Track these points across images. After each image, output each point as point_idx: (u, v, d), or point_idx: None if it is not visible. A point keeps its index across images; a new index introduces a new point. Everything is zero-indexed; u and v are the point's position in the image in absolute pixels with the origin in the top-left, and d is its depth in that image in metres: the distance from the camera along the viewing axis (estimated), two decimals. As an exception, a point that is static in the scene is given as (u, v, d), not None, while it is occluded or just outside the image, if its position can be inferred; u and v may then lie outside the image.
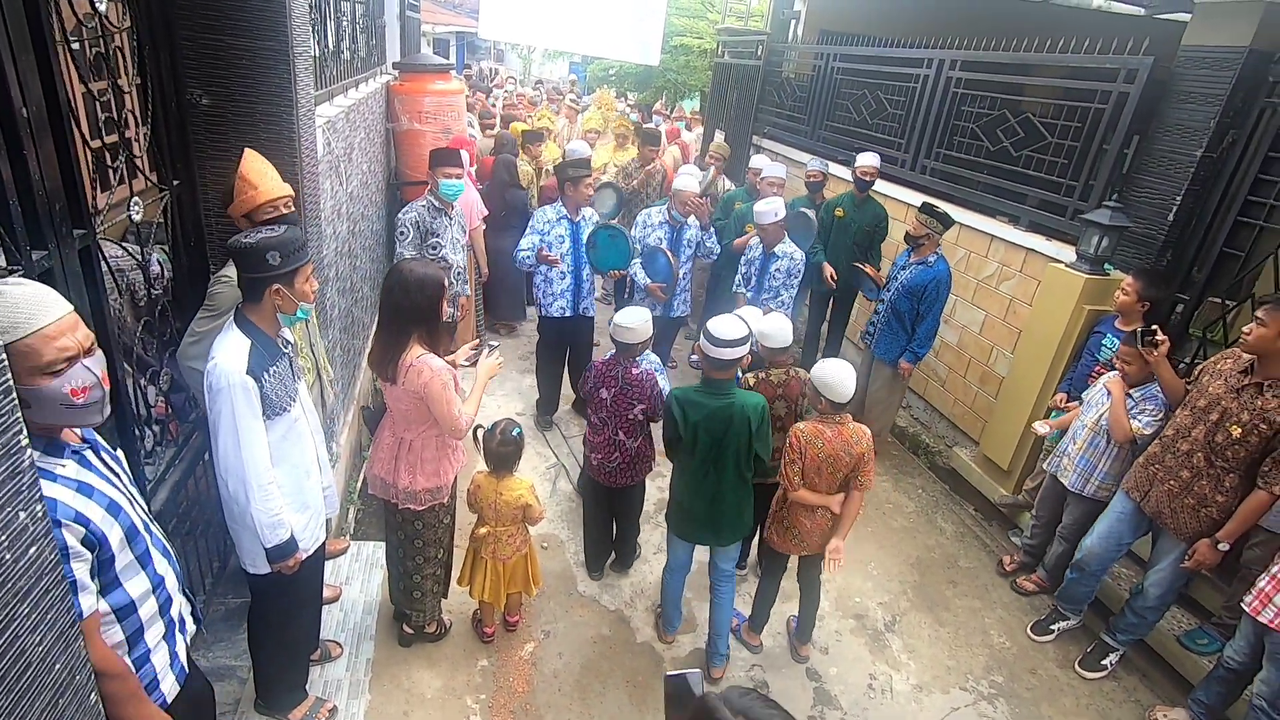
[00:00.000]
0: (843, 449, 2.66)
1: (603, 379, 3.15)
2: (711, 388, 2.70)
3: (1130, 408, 3.12)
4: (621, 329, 3.06)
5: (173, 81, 2.42)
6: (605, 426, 3.18)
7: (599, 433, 3.21)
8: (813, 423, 2.72)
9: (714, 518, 2.84)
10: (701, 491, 2.80)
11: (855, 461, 2.68)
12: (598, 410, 3.18)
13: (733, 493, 2.80)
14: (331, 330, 3.43)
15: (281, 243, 1.88)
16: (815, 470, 2.69)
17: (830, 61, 6.53)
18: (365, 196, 4.52)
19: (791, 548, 2.91)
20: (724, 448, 2.70)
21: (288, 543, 2.03)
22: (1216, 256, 3.48)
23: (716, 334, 2.62)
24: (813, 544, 2.86)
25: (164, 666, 1.57)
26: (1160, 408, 3.07)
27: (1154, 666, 3.30)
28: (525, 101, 9.54)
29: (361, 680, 2.75)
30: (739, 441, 2.69)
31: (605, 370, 3.16)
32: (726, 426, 2.67)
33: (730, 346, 2.61)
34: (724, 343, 2.61)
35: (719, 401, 2.67)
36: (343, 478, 3.72)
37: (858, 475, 2.70)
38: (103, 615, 1.39)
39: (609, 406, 3.13)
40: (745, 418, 2.66)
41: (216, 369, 1.85)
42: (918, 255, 4.18)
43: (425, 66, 5.58)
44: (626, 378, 3.09)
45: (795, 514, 2.83)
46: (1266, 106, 3.29)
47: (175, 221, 2.50)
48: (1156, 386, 3.09)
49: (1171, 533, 2.93)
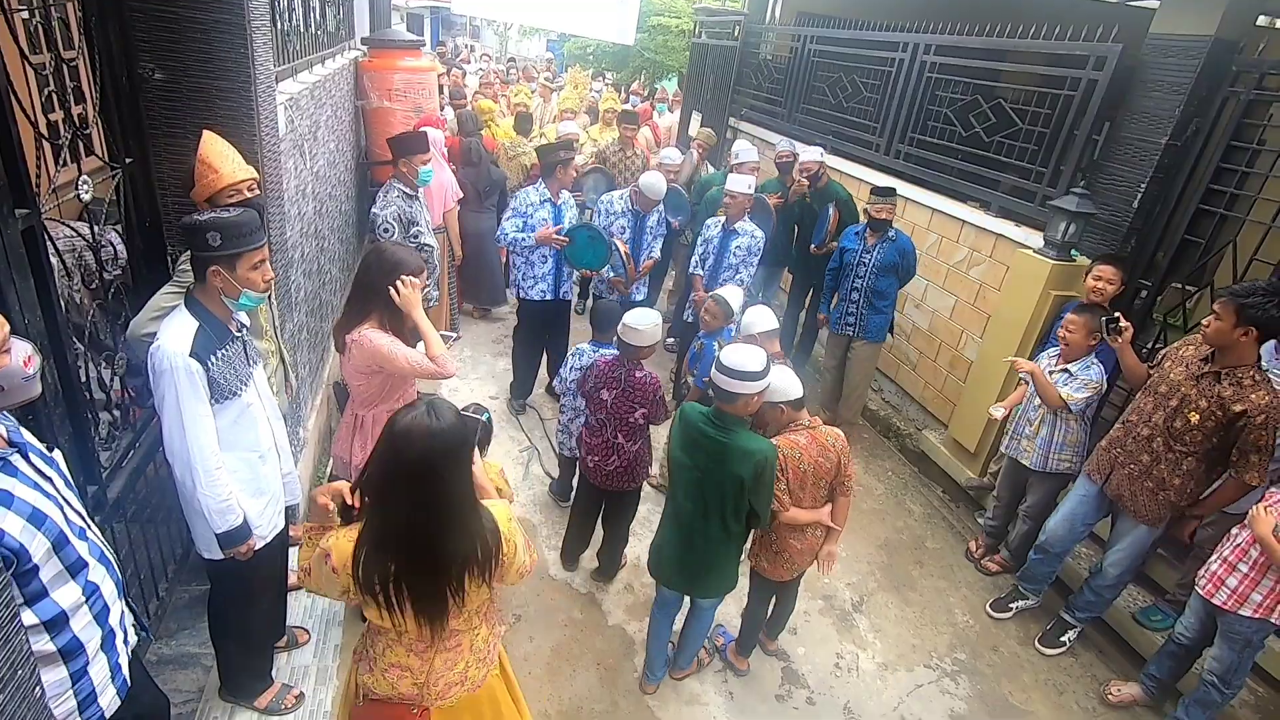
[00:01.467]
0: (821, 455, 2.53)
1: (605, 380, 3.06)
2: (716, 418, 2.38)
3: (1067, 381, 3.20)
4: (631, 330, 2.97)
5: (123, 55, 2.32)
6: (604, 428, 3.09)
7: (597, 434, 3.12)
8: (785, 435, 2.55)
9: (690, 566, 2.57)
10: (679, 531, 2.53)
11: (834, 466, 2.56)
12: (596, 411, 3.09)
13: (714, 544, 2.49)
14: (297, 313, 3.36)
15: (225, 224, 1.82)
16: (800, 485, 2.54)
17: (807, 43, 6.50)
18: (333, 176, 4.42)
19: (783, 573, 2.74)
20: (709, 490, 2.40)
21: (240, 528, 1.99)
22: (1178, 244, 3.55)
23: (728, 363, 2.28)
24: (804, 564, 2.73)
25: (103, 680, 1.51)
26: (1097, 379, 3.16)
27: (1110, 642, 3.41)
28: (499, 80, 9.38)
29: (329, 666, 2.73)
30: (729, 489, 2.36)
31: (608, 371, 3.06)
32: (718, 466, 2.35)
33: (742, 379, 2.25)
34: (735, 374, 2.26)
35: (718, 436, 2.34)
36: (311, 463, 3.67)
37: (840, 479, 2.61)
38: (29, 627, 1.33)
39: (609, 408, 3.04)
40: (744, 464, 2.30)
41: (160, 350, 1.81)
42: (875, 236, 4.25)
43: (395, 43, 5.47)
44: (630, 380, 3.02)
45: (784, 537, 2.65)
46: (1229, 95, 3.34)
47: (129, 201, 2.41)
48: (1093, 359, 3.20)
49: (1131, 514, 3.00)
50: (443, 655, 1.64)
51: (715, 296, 3.53)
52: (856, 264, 4.34)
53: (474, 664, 1.70)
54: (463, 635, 1.65)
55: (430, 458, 1.43)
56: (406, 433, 1.43)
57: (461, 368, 5.25)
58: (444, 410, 1.48)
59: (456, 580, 1.50)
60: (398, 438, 1.44)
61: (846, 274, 4.40)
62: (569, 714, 2.80)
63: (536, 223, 4.22)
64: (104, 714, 1.52)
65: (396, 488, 1.46)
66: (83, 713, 1.48)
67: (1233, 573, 2.57)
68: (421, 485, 1.44)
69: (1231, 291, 2.61)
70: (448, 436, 1.45)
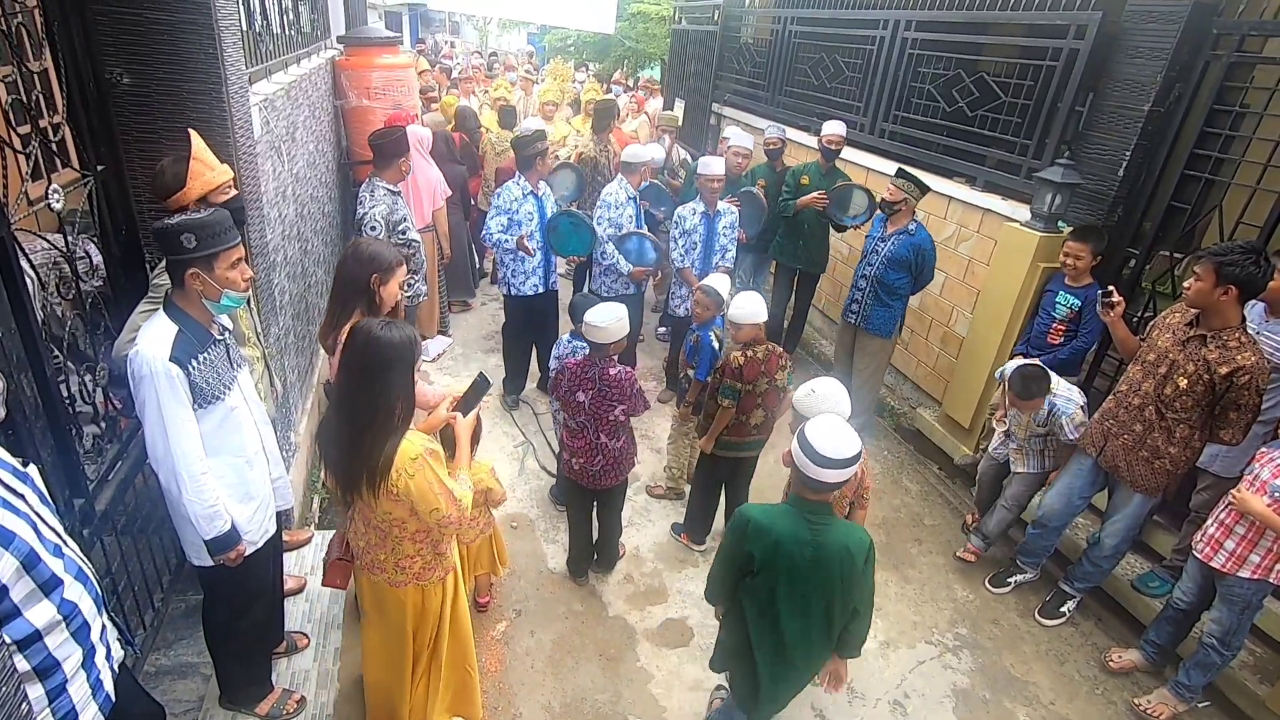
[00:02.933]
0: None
1: (578, 381, 2.97)
2: (809, 514, 1.99)
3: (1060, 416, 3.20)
4: (593, 328, 2.87)
5: (89, 60, 2.28)
6: (585, 430, 3.03)
7: (578, 436, 3.06)
8: None
9: (792, 683, 2.22)
10: (779, 658, 2.13)
11: (856, 480, 2.42)
12: (575, 414, 3.02)
13: (816, 652, 2.16)
14: (282, 317, 3.34)
15: (198, 225, 1.79)
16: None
17: (788, 25, 6.45)
18: (314, 178, 4.38)
19: None
20: (809, 601, 2.03)
21: (228, 534, 1.98)
22: (1165, 210, 3.54)
23: (823, 451, 1.89)
24: None
25: (83, 697, 1.47)
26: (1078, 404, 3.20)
27: (1109, 611, 3.43)
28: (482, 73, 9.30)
29: (330, 670, 2.72)
30: (836, 593, 2.01)
31: (580, 372, 2.97)
32: (819, 569, 1.99)
33: (842, 468, 1.90)
34: (834, 463, 1.89)
35: (815, 535, 1.97)
36: (304, 467, 3.65)
37: (860, 493, 2.51)
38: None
39: (587, 410, 2.97)
40: (854, 562, 1.98)
41: (139, 356, 1.78)
42: (895, 225, 4.10)
43: (371, 40, 5.40)
44: (604, 379, 2.93)
45: None
46: (1210, 59, 3.32)
47: (103, 209, 2.38)
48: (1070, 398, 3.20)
49: (1128, 485, 3.00)
50: (374, 532, 1.99)
51: (703, 287, 3.50)
52: (870, 251, 4.24)
53: (392, 566, 2.04)
54: (386, 534, 1.98)
55: (366, 356, 1.78)
56: (356, 332, 1.82)
57: (453, 365, 5.23)
58: (396, 327, 1.81)
59: (356, 472, 1.82)
60: (352, 335, 1.84)
61: (860, 260, 4.33)
62: (573, 706, 2.80)
63: (523, 217, 4.19)
64: None
65: (343, 373, 1.87)
66: None
67: (1230, 535, 2.58)
68: (358, 376, 1.80)
69: (1210, 251, 2.61)
70: (384, 345, 1.77)
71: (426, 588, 2.12)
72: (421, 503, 1.87)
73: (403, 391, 1.82)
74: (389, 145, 3.72)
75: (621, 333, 2.93)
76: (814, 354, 5.86)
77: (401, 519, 1.93)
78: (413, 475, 1.83)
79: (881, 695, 2.96)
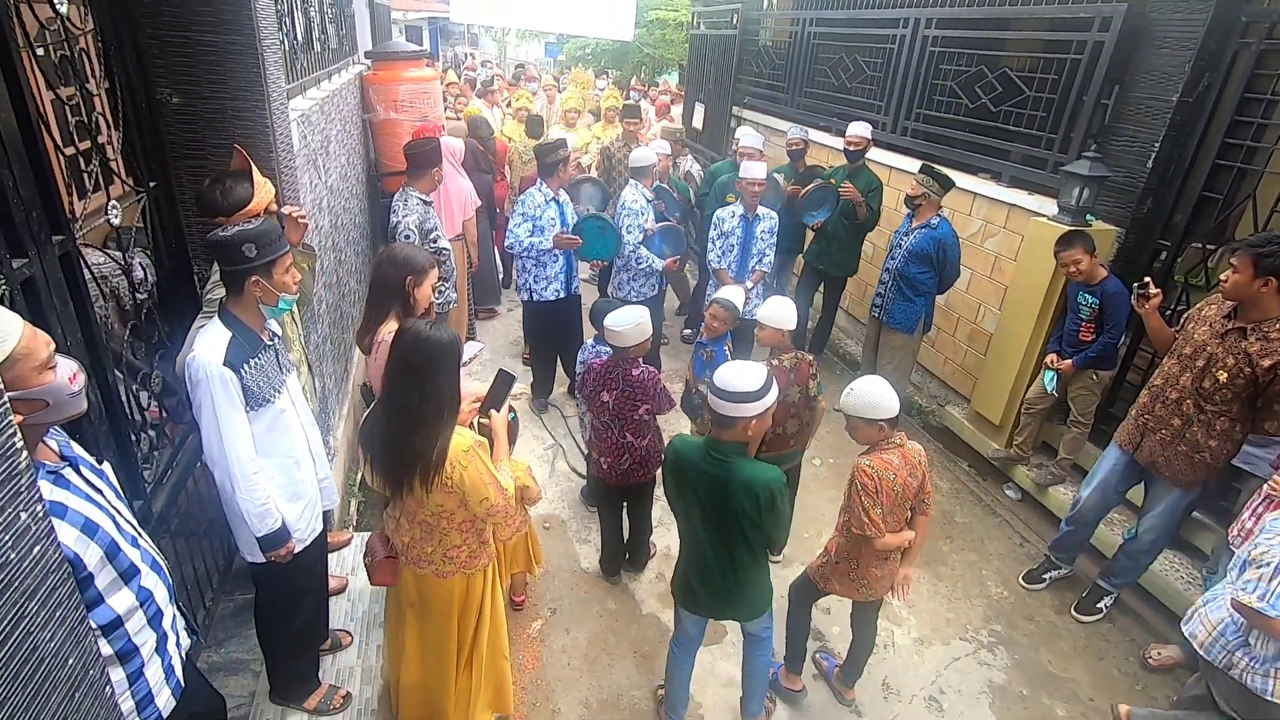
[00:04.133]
0: (910, 475, 2.39)
1: (602, 382, 3.02)
2: (712, 449, 2.17)
3: None
4: (613, 333, 2.91)
5: (141, 82, 2.40)
6: (610, 430, 3.07)
7: (605, 436, 3.10)
8: (878, 454, 2.40)
9: (723, 592, 2.38)
10: (702, 564, 2.35)
11: (919, 483, 2.43)
12: (600, 414, 3.06)
13: (742, 568, 2.33)
14: (320, 325, 3.43)
15: (257, 235, 1.89)
16: (890, 508, 2.37)
17: (806, 26, 6.47)
18: (346, 190, 4.50)
19: (857, 595, 2.62)
20: (724, 524, 2.22)
21: (279, 531, 2.06)
22: (1196, 201, 3.51)
23: (724, 385, 2.07)
24: (880, 590, 2.58)
25: (158, 681, 1.57)
26: None
27: (1148, 606, 3.38)
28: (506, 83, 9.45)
29: (373, 666, 2.79)
30: (742, 523, 2.17)
31: (604, 373, 3.02)
32: (723, 501, 2.18)
33: (741, 401, 2.05)
34: (733, 396, 2.05)
35: (715, 471, 2.15)
36: (342, 471, 3.74)
37: (921, 498, 2.48)
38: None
39: (611, 410, 3.01)
40: (748, 497, 2.12)
41: (195, 361, 1.87)
42: (919, 219, 4.15)
43: (398, 54, 5.53)
44: (627, 379, 2.98)
45: (867, 564, 2.50)
46: (1240, 48, 3.29)
47: (155, 223, 2.49)
48: None
49: (1167, 480, 2.97)
50: (418, 528, 2.06)
51: (719, 300, 3.46)
52: (894, 246, 4.28)
53: (440, 557, 2.11)
54: (433, 527, 2.05)
55: (415, 355, 1.84)
56: (404, 332, 1.88)
57: (481, 370, 5.31)
58: (442, 327, 1.89)
59: (406, 468, 1.88)
60: (399, 335, 1.90)
61: (886, 256, 4.35)
62: (609, 703, 2.85)
63: (546, 223, 4.25)
64: (161, 714, 1.59)
65: (390, 372, 1.91)
66: (141, 712, 1.54)
67: None
68: (409, 375, 1.86)
69: (1248, 243, 2.59)
70: (432, 344, 1.84)
71: (471, 575, 2.20)
72: (473, 493, 1.95)
73: (451, 388, 1.89)
74: (423, 155, 3.82)
75: (642, 336, 2.96)
76: (841, 355, 5.85)
77: (451, 510, 2.01)
78: (465, 467, 1.92)
79: (917, 691, 2.96)
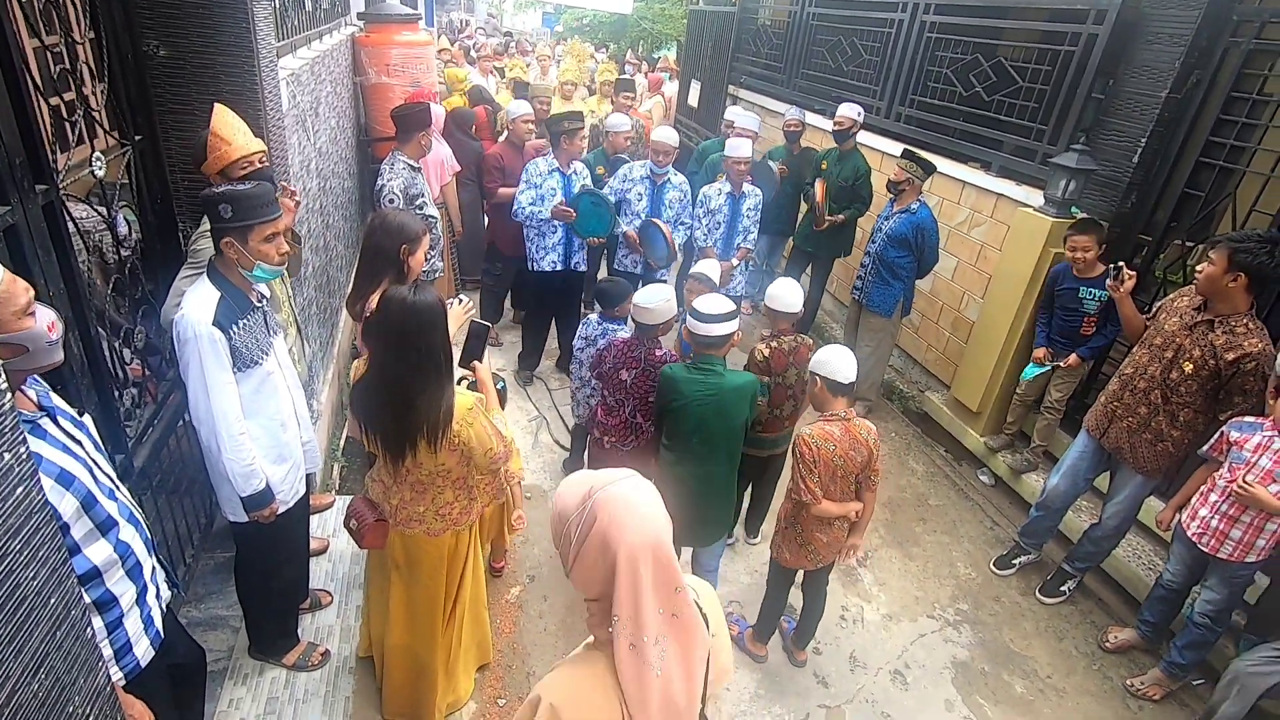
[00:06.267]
0: (852, 448, 2.51)
1: (623, 360, 2.98)
2: (705, 364, 2.64)
3: None
4: (641, 309, 2.91)
5: (128, 33, 2.36)
6: (622, 407, 3.03)
7: (614, 414, 3.05)
8: (819, 425, 2.54)
9: (701, 512, 2.73)
10: (689, 481, 2.68)
11: (866, 457, 2.54)
12: (615, 391, 3.03)
13: (721, 483, 2.75)
14: (306, 288, 3.42)
15: (235, 197, 1.87)
16: (830, 477, 2.51)
17: (805, 7, 6.43)
18: (335, 153, 4.45)
19: (805, 563, 2.74)
20: (715, 430, 2.64)
21: (263, 492, 2.07)
22: (1179, 197, 3.56)
23: (705, 311, 2.59)
24: (828, 556, 2.72)
25: (137, 631, 1.59)
26: None
27: (1109, 590, 3.49)
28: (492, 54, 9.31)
29: (352, 626, 2.83)
30: (732, 423, 2.64)
31: (627, 351, 2.99)
32: (721, 404, 2.61)
33: (720, 322, 2.58)
34: (713, 318, 2.58)
35: (713, 379, 2.61)
36: (325, 435, 3.76)
37: (867, 474, 2.58)
38: None
39: (628, 388, 2.98)
40: (741, 396, 2.62)
41: (184, 319, 1.87)
42: (900, 204, 4.20)
43: (391, 17, 5.44)
44: (650, 359, 2.95)
45: (810, 529, 2.64)
46: (1230, 45, 3.32)
47: (139, 178, 2.46)
48: None
49: (1131, 467, 3.06)
50: (408, 489, 2.08)
51: (694, 275, 3.48)
52: (876, 230, 4.35)
53: (432, 516, 2.15)
54: (427, 486, 2.08)
55: (407, 322, 1.84)
56: (389, 302, 1.88)
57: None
58: (424, 290, 1.90)
59: (410, 432, 1.90)
60: (384, 304, 1.89)
61: (869, 240, 4.40)
62: (584, 667, 2.91)
63: (546, 192, 4.24)
64: (139, 662, 1.60)
65: (381, 342, 1.91)
66: (119, 660, 1.56)
67: (1235, 525, 2.59)
68: (400, 341, 1.86)
69: (1228, 237, 2.64)
70: (421, 309, 1.85)
71: (460, 531, 2.25)
72: (479, 446, 1.99)
73: (446, 347, 1.91)
74: (411, 119, 3.78)
75: (670, 313, 2.96)
76: (827, 338, 5.90)
77: (450, 468, 2.06)
78: (471, 424, 1.97)
79: (883, 665, 3.05)
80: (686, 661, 1.15)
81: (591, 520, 1.10)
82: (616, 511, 1.09)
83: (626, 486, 1.13)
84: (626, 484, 1.13)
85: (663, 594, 1.10)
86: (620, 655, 1.11)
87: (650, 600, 1.09)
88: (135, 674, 1.59)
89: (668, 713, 1.14)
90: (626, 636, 1.10)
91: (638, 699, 1.12)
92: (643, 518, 1.11)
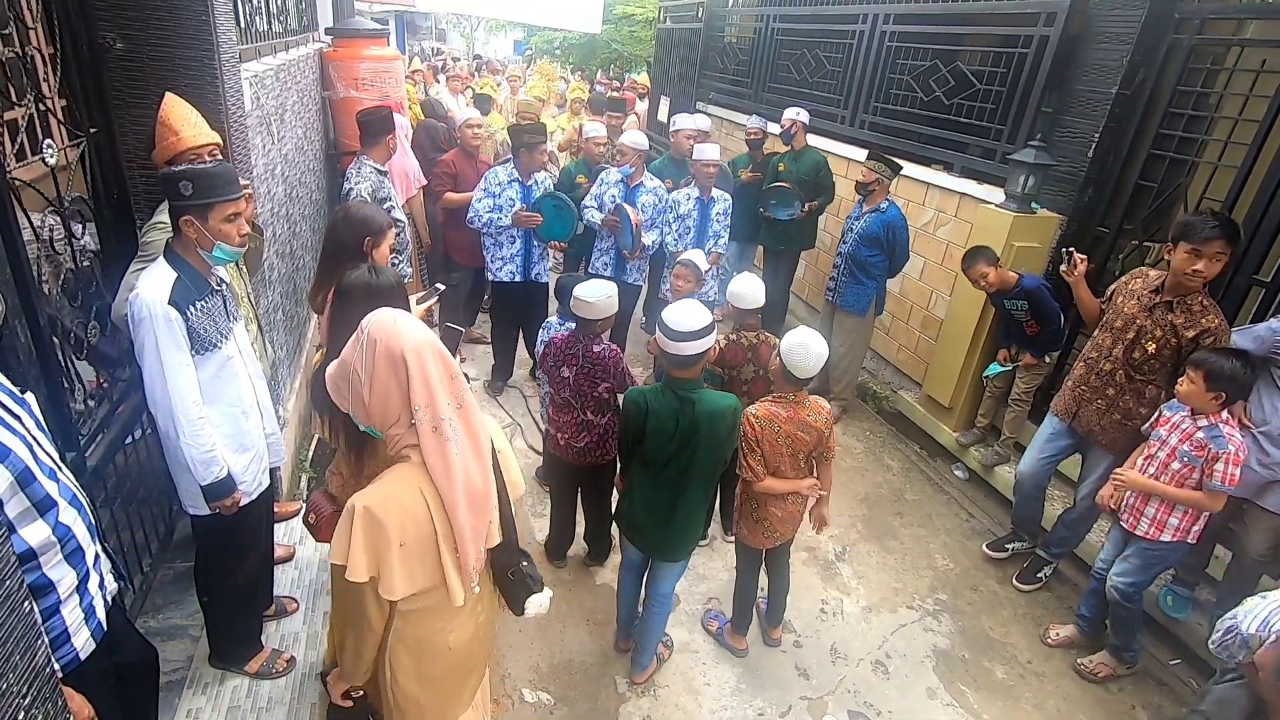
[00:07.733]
0: (799, 428, 2.49)
1: (563, 357, 2.95)
2: (676, 388, 2.32)
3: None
4: (581, 303, 2.85)
5: (82, 23, 2.32)
6: (571, 407, 2.98)
7: (565, 412, 3.02)
8: (765, 404, 2.53)
9: (667, 533, 2.53)
10: (657, 504, 2.49)
11: (815, 438, 2.52)
12: (560, 390, 3.00)
13: (692, 508, 2.49)
14: (271, 292, 3.36)
15: (196, 174, 1.83)
16: (776, 455, 2.51)
17: (770, 22, 6.59)
18: (302, 163, 4.41)
19: (764, 541, 2.73)
20: (690, 459, 2.37)
21: (224, 481, 2.00)
22: (1133, 190, 3.67)
23: (676, 326, 2.20)
24: (786, 532, 2.72)
25: (76, 621, 1.49)
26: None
27: (1084, 576, 3.50)
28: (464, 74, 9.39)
29: (319, 632, 2.74)
30: (710, 452, 2.36)
31: (565, 348, 2.96)
32: (692, 434, 2.32)
33: (693, 339, 2.21)
34: (686, 335, 2.20)
35: (685, 406, 2.30)
36: (293, 445, 3.66)
37: (820, 450, 2.57)
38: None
39: (571, 385, 2.94)
40: (720, 422, 2.32)
41: (138, 299, 1.81)
42: (869, 204, 4.28)
43: (359, 32, 5.44)
44: (588, 355, 2.90)
45: (764, 505, 2.64)
46: (1173, 43, 3.46)
47: (94, 170, 2.41)
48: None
49: (1102, 448, 3.10)
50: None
51: (683, 261, 3.52)
52: (847, 230, 4.42)
53: None
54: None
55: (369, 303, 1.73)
56: (350, 283, 1.88)
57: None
58: (383, 272, 1.90)
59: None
60: (345, 287, 1.88)
61: (844, 239, 4.46)
62: (560, 667, 2.84)
63: (504, 202, 4.22)
64: (78, 654, 1.50)
65: (342, 325, 1.83)
66: (55, 651, 1.44)
67: (1148, 503, 2.69)
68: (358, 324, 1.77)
69: (1180, 220, 2.74)
70: (383, 290, 1.84)
71: None
72: None
73: None
74: (376, 123, 3.77)
75: (609, 310, 2.91)
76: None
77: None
78: None
79: (864, 656, 3.02)
80: (475, 445, 1.43)
81: (372, 346, 1.31)
82: (388, 327, 1.33)
83: (385, 313, 1.35)
84: (385, 311, 1.36)
85: (448, 384, 1.37)
86: (426, 443, 1.35)
87: (440, 387, 1.35)
88: (74, 667, 1.48)
89: (470, 492, 1.41)
90: (429, 422, 1.34)
91: (444, 477, 1.36)
92: (411, 323, 1.35)
